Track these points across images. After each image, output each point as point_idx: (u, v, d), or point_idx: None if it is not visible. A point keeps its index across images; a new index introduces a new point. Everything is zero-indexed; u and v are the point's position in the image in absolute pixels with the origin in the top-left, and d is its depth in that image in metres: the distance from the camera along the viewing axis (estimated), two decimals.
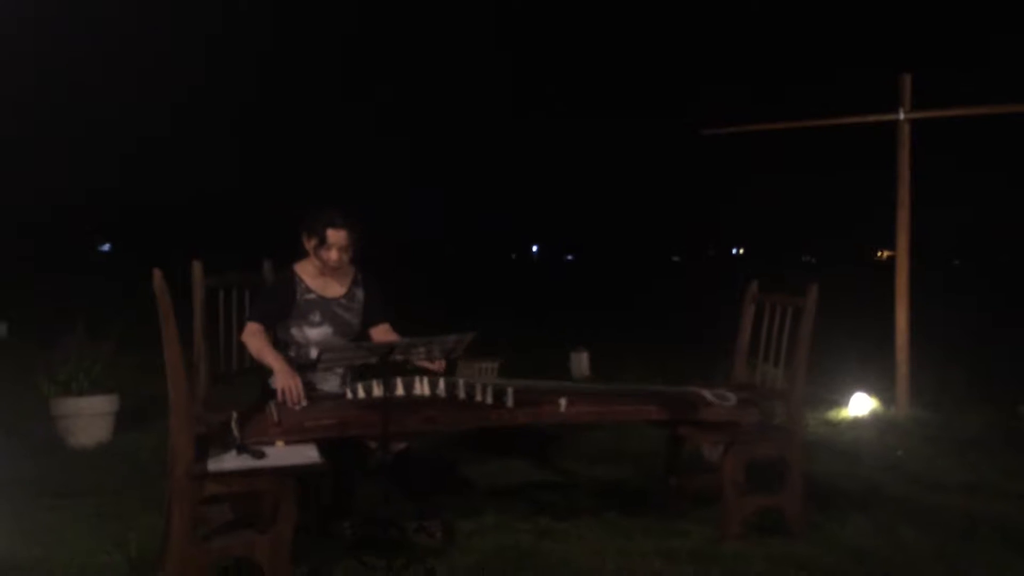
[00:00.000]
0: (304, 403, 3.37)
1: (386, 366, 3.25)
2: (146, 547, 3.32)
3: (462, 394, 3.57)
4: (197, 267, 3.80)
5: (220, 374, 3.91)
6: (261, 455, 3.08)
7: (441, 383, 3.60)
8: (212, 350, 3.79)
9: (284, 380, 3.39)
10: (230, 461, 3.05)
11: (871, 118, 6.80)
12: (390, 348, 3.17)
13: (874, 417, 6.20)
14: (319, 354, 3.11)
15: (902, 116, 6.55)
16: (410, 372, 3.69)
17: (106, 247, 59.31)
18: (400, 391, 3.54)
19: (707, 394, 3.77)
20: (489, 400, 3.51)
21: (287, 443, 3.21)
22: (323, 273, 3.78)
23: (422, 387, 3.59)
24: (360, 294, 3.88)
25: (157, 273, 2.95)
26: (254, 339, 3.59)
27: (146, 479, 4.35)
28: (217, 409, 3.49)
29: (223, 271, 3.89)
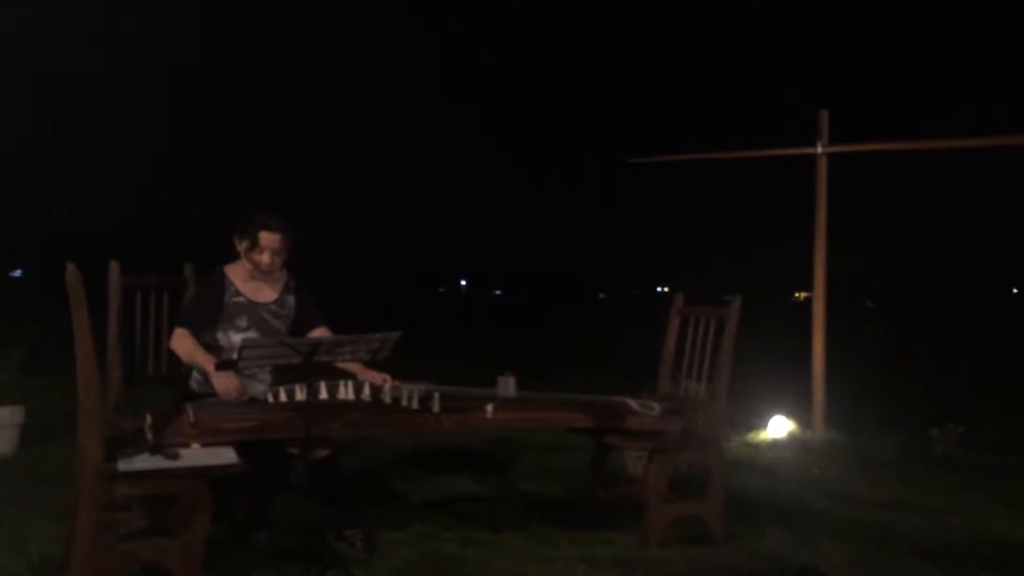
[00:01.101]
0: (246, 396, 3.30)
1: (310, 367, 3.18)
2: (48, 554, 3.16)
3: (387, 399, 3.52)
4: (114, 266, 3.67)
5: (135, 379, 3.78)
6: (176, 456, 2.97)
7: (366, 387, 3.54)
8: (127, 353, 3.66)
9: (220, 380, 3.30)
10: (142, 461, 2.93)
11: (790, 151, 7.05)
12: (314, 346, 3.10)
13: (792, 439, 6.34)
14: (240, 349, 3.02)
15: (820, 150, 6.80)
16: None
17: (18, 273, 57.00)
18: (324, 395, 3.47)
19: (632, 403, 3.80)
20: (415, 405, 3.46)
21: (204, 445, 3.11)
22: (254, 277, 3.69)
23: (346, 391, 3.52)
24: (291, 301, 3.80)
25: (70, 266, 2.84)
26: (183, 342, 3.49)
27: (50, 490, 4.14)
28: (130, 414, 3.36)
29: (142, 272, 3.78)
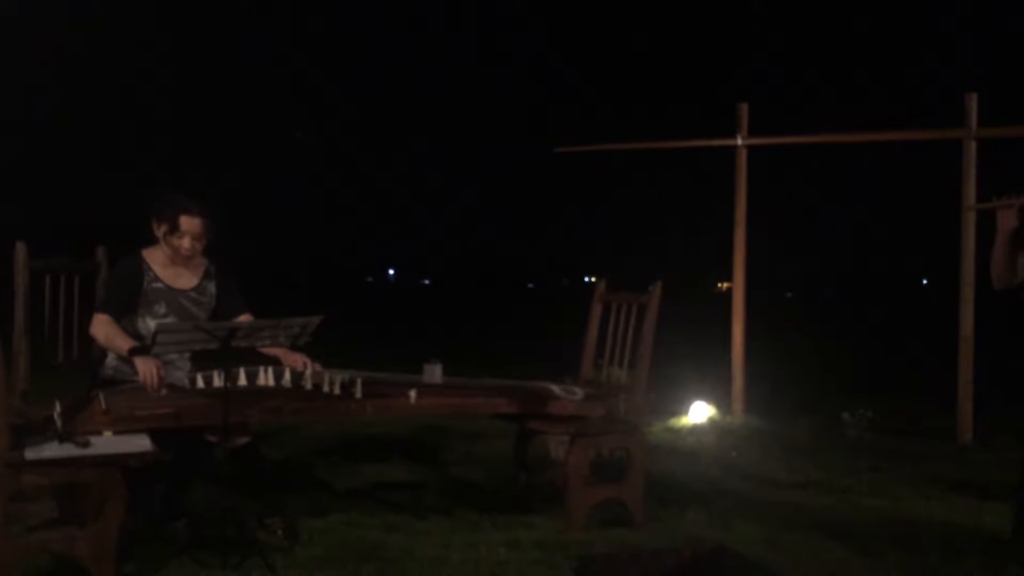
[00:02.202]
0: (164, 391, 3.19)
1: (228, 353, 3.11)
2: None
3: (308, 385, 3.48)
4: (20, 248, 3.54)
5: (45, 365, 3.65)
6: (86, 444, 2.88)
7: (287, 374, 3.49)
8: (36, 339, 3.53)
9: (143, 364, 3.19)
10: (51, 450, 2.83)
11: (713, 143, 7.19)
12: (232, 331, 3.04)
13: (712, 424, 6.49)
14: (154, 335, 2.95)
15: (740, 142, 6.96)
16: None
17: None
18: (243, 381, 3.41)
19: (555, 388, 3.84)
20: (337, 391, 3.43)
21: (116, 433, 3.02)
22: (174, 262, 3.59)
23: (266, 377, 3.47)
24: (212, 288, 3.71)
25: None
26: (103, 328, 3.39)
27: None
28: (40, 402, 3.24)
29: (51, 255, 3.65)
